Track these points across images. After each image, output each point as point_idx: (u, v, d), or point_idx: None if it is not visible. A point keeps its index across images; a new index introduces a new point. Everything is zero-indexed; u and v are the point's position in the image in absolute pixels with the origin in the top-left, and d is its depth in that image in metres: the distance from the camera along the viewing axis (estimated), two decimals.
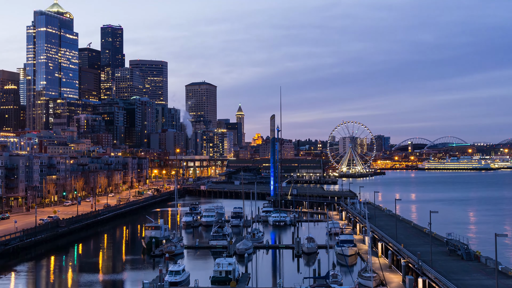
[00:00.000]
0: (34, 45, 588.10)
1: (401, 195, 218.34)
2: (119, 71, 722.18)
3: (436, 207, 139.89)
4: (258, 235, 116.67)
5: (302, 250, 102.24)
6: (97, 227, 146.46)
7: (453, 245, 78.17)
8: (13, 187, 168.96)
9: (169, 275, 76.46)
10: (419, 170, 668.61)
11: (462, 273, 65.66)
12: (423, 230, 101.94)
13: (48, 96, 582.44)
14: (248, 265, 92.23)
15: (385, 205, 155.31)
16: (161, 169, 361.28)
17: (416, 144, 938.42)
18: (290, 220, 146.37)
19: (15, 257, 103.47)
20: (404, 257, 78.20)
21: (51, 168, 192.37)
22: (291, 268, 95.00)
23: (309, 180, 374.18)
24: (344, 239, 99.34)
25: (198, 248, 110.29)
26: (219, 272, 77.53)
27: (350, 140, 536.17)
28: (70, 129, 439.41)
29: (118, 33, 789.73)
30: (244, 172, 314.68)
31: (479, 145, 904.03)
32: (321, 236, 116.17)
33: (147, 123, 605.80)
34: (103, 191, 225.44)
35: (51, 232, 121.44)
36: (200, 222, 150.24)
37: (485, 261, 71.33)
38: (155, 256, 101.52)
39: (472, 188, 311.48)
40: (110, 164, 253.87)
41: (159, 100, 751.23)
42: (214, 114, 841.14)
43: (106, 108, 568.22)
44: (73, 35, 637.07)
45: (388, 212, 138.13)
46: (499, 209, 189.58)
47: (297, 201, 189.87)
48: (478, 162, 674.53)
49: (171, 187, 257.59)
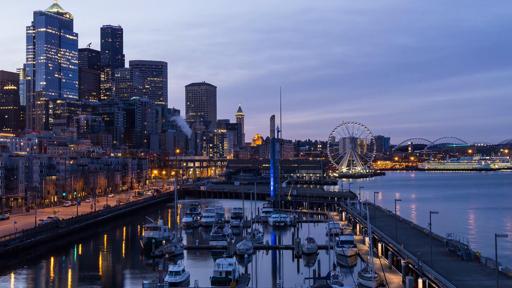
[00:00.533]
0: (34, 45, 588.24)
1: (401, 196, 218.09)
2: (119, 71, 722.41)
3: (436, 208, 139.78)
4: (258, 236, 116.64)
5: (302, 251, 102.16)
6: (97, 227, 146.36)
7: (453, 246, 78.14)
8: (13, 187, 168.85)
9: (169, 275, 76.42)
10: (419, 170, 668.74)
11: (462, 274, 65.63)
12: (423, 231, 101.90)
13: (48, 97, 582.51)
14: (248, 266, 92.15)
15: (385, 205, 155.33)
16: (161, 170, 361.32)
17: (416, 145, 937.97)
18: (290, 220, 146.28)
19: (15, 257, 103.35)
20: (404, 257, 78.16)
21: (51, 168, 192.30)
22: (291, 268, 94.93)
23: (309, 181, 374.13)
24: (344, 239, 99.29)
25: (198, 248, 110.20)
26: (219, 272, 77.53)
27: (350, 141, 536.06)
28: (70, 130, 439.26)
29: (118, 33, 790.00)
30: (244, 173, 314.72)
31: (479, 146, 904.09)
32: (321, 236, 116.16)
33: (147, 124, 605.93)
34: (103, 191, 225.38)
35: (51, 233, 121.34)
36: (200, 222, 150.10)
37: (485, 261, 71.31)
38: (155, 256, 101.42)
39: (472, 188, 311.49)
40: (110, 164, 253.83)
41: (159, 101, 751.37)
42: (214, 114, 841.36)
43: (106, 109, 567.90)
44: (73, 36, 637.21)
45: (388, 212, 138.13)
46: (499, 209, 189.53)
47: (297, 201, 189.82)
48: (478, 163, 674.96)
49: (171, 188, 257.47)
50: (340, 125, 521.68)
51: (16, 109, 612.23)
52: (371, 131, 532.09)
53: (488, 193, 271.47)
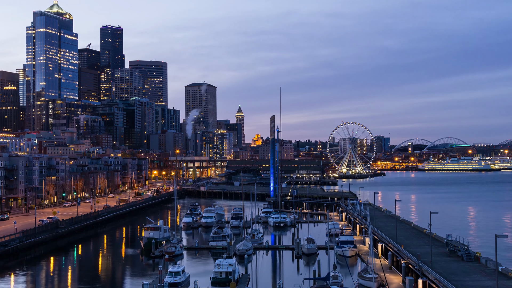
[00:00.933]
0: (33, 46, 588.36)
1: (401, 196, 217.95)
2: (119, 72, 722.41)
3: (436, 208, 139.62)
4: (258, 236, 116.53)
5: (302, 251, 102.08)
6: (97, 228, 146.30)
7: (453, 246, 78.08)
8: (13, 188, 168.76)
9: (169, 276, 76.37)
10: (419, 171, 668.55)
11: (462, 274, 65.60)
12: (423, 231, 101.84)
13: (48, 97, 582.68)
14: (248, 266, 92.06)
15: (385, 206, 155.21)
16: (160, 170, 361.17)
17: (416, 145, 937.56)
18: (290, 221, 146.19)
19: (15, 258, 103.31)
20: (404, 258, 78.10)
21: (51, 169, 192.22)
22: (291, 269, 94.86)
23: (309, 181, 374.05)
24: (344, 240, 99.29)
25: (197, 249, 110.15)
26: (219, 273, 77.45)
27: (350, 141, 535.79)
28: (70, 130, 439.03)
29: (118, 33, 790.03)
30: (244, 173, 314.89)
31: (479, 146, 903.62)
32: (321, 237, 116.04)
33: (147, 124, 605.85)
34: (103, 192, 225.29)
35: (50, 233, 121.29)
36: (200, 223, 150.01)
37: (485, 262, 71.27)
38: (155, 257, 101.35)
39: (472, 188, 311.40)
40: (110, 165, 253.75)
41: (159, 101, 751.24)
42: (214, 115, 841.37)
43: (106, 109, 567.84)
44: (72, 36, 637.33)
45: (388, 213, 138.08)
46: (499, 209, 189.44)
47: (297, 202, 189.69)
48: (478, 163, 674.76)
49: (171, 188, 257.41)
50: (340, 125, 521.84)
51: (16, 110, 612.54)
52: (371, 132, 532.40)
53: (489, 193, 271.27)
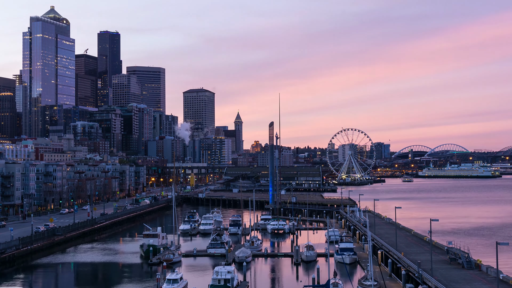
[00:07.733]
0: (30, 51, 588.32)
1: (401, 203, 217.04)
2: (116, 77, 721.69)
3: (436, 215, 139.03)
4: (256, 243, 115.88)
5: (301, 258, 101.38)
6: (94, 235, 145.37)
7: (454, 254, 77.56)
8: (9, 195, 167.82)
9: (167, 283, 75.75)
10: (419, 177, 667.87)
11: (462, 282, 65.06)
12: (423, 239, 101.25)
13: (45, 103, 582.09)
14: (247, 273, 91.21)
15: (385, 213, 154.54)
16: (158, 177, 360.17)
17: (416, 152, 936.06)
18: (289, 228, 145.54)
19: (11, 265, 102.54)
20: (404, 265, 77.55)
21: (48, 175, 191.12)
22: (290, 276, 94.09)
23: (308, 188, 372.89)
24: (343, 247, 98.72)
25: (196, 256, 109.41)
26: (218, 280, 76.80)
27: (350, 148, 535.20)
28: (67, 137, 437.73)
29: (115, 39, 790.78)
30: (242, 180, 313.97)
31: (480, 153, 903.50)
32: (321, 244, 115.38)
33: (145, 130, 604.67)
34: (100, 199, 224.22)
35: (47, 240, 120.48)
36: (198, 230, 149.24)
37: (486, 269, 70.74)
38: (153, 264, 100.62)
39: (473, 195, 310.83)
40: (107, 171, 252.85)
41: (157, 107, 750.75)
42: (212, 121, 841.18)
43: (103, 115, 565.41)
44: (69, 42, 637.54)
45: (388, 220, 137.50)
46: (500, 216, 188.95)
47: (296, 209, 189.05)
48: (479, 170, 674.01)
49: (169, 195, 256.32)
50: (340, 132, 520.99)
51: (13, 116, 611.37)
52: (370, 138, 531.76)
53: (490, 201, 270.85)
